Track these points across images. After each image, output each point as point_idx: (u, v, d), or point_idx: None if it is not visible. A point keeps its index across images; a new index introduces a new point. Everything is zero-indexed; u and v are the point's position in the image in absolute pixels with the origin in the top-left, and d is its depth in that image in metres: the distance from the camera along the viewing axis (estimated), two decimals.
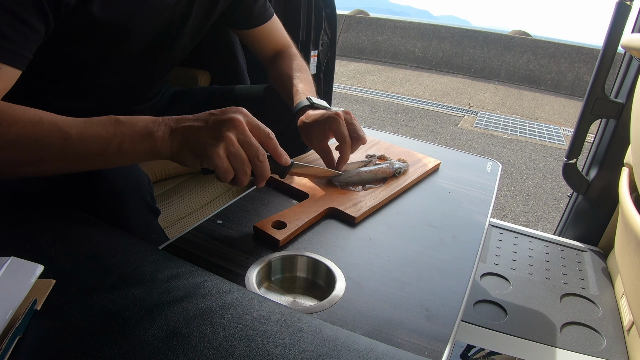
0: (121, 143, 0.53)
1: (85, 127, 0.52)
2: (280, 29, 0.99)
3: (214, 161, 0.54)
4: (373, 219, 0.71)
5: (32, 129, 0.51)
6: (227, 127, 0.54)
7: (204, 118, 0.56)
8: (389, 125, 3.90)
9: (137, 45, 0.77)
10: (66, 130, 0.51)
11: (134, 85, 0.87)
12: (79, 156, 0.53)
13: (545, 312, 1.10)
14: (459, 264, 0.62)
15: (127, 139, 0.53)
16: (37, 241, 0.48)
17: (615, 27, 1.26)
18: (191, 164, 0.56)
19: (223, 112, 0.56)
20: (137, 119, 0.55)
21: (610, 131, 1.37)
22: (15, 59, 0.55)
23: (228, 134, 0.54)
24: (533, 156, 3.43)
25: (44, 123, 0.51)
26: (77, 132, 0.52)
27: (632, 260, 0.96)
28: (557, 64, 6.82)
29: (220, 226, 0.65)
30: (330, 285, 0.55)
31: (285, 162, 0.62)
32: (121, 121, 0.54)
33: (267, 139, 0.59)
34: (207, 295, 0.42)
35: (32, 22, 0.55)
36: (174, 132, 0.55)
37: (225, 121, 0.55)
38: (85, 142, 0.52)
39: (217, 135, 0.54)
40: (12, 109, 0.51)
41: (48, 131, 0.51)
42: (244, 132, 0.55)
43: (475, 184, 0.88)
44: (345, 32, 7.98)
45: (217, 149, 0.54)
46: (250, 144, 0.56)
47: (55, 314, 0.38)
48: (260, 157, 0.57)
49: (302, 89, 0.86)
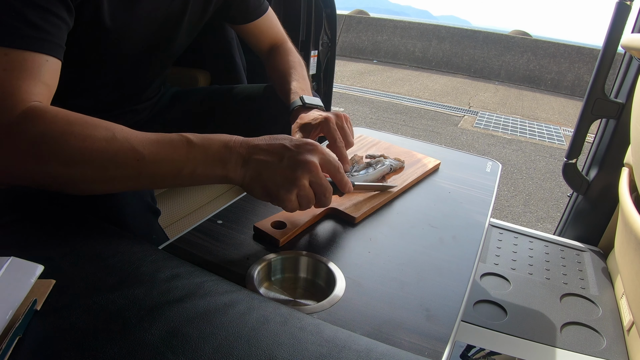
0: (194, 168, 0.52)
1: (158, 147, 0.51)
2: (275, 22, 0.99)
3: (285, 204, 0.55)
4: (373, 219, 0.71)
5: (106, 145, 0.49)
6: (302, 172, 0.54)
7: (279, 152, 0.55)
8: (389, 125, 3.90)
9: (135, 44, 0.77)
10: (139, 150, 0.50)
11: (131, 84, 0.88)
12: (152, 177, 0.52)
13: (545, 312, 1.10)
14: (458, 264, 0.62)
15: (200, 164, 0.52)
16: (37, 241, 0.48)
17: (615, 27, 1.26)
18: (260, 198, 0.57)
19: (299, 150, 0.55)
20: (210, 142, 0.53)
21: (610, 131, 1.37)
22: (56, 50, 0.55)
23: (303, 180, 0.54)
24: (533, 156, 3.43)
25: (117, 140, 0.50)
26: (149, 153, 0.50)
27: (632, 260, 0.96)
28: (557, 64, 6.82)
29: (220, 226, 0.65)
30: (330, 285, 0.55)
31: (348, 190, 0.63)
32: (194, 143, 0.52)
33: (337, 173, 0.60)
34: (207, 295, 0.42)
35: (59, 11, 0.56)
36: (246, 162, 0.54)
37: (301, 164, 0.54)
38: (158, 164, 0.51)
39: (292, 180, 0.54)
40: (84, 121, 0.50)
41: (121, 149, 0.50)
42: (318, 175, 0.55)
43: (475, 184, 0.88)
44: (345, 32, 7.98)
45: (290, 195, 0.54)
46: (320, 184, 0.56)
47: (55, 314, 0.38)
48: (327, 194, 0.58)
49: (296, 88, 0.86)
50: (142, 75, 0.88)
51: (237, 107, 1.01)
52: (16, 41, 0.51)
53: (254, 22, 0.94)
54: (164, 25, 0.79)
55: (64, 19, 0.57)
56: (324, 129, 0.75)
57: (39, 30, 0.53)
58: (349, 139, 0.77)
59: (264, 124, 0.97)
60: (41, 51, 0.53)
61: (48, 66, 0.54)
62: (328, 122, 0.75)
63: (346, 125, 0.77)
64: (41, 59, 0.53)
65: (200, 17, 0.87)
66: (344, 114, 0.78)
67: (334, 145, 0.75)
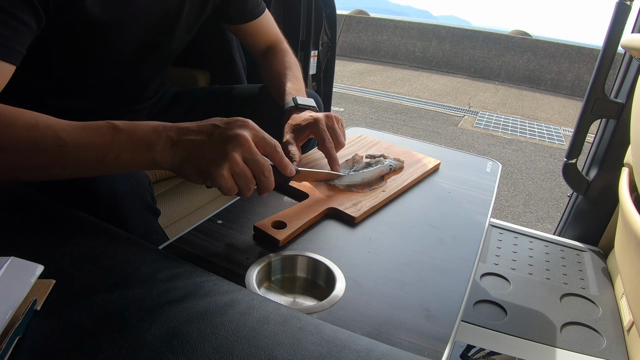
0: (119, 153, 0.51)
1: (82, 134, 0.50)
2: (272, 23, 0.99)
3: (218, 181, 0.52)
4: (373, 219, 0.71)
5: (26, 133, 0.49)
6: (232, 146, 0.52)
7: (208, 131, 0.53)
8: (389, 125, 3.90)
9: (130, 42, 0.76)
10: (62, 137, 0.49)
11: (130, 83, 0.87)
12: (75, 164, 0.51)
13: (545, 312, 1.10)
14: (458, 264, 0.62)
15: (125, 149, 0.51)
16: (37, 241, 0.48)
17: (615, 27, 1.26)
18: (194, 180, 0.54)
19: (228, 126, 0.53)
20: (137, 127, 0.52)
21: (610, 131, 1.37)
22: (8, 53, 0.54)
23: (233, 153, 0.52)
24: (533, 156, 3.43)
25: (39, 127, 0.49)
26: (72, 139, 0.50)
27: (632, 260, 0.96)
28: (557, 64, 6.82)
29: (220, 226, 0.65)
30: (330, 285, 0.55)
31: (290, 173, 0.60)
32: (119, 129, 0.51)
33: (274, 151, 0.57)
34: (207, 295, 0.42)
35: (22, 16, 0.55)
36: (175, 144, 0.52)
37: (231, 138, 0.52)
38: (81, 150, 0.50)
39: (222, 154, 0.52)
40: (7, 111, 0.50)
41: (43, 137, 0.49)
42: (250, 149, 0.53)
43: (475, 184, 0.88)
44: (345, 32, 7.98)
45: (221, 169, 0.51)
46: (255, 161, 0.53)
47: (55, 314, 0.38)
48: (266, 172, 0.55)
49: (290, 89, 0.86)
50: (140, 75, 0.88)
51: (237, 107, 1.02)
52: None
53: (252, 22, 0.95)
54: (161, 23, 0.79)
55: (27, 23, 0.56)
56: (313, 130, 0.75)
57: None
58: (339, 139, 0.76)
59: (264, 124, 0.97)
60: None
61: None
62: (317, 123, 0.74)
63: (337, 126, 0.77)
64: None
65: (198, 16, 0.86)
66: (335, 115, 0.78)
67: (322, 145, 0.74)
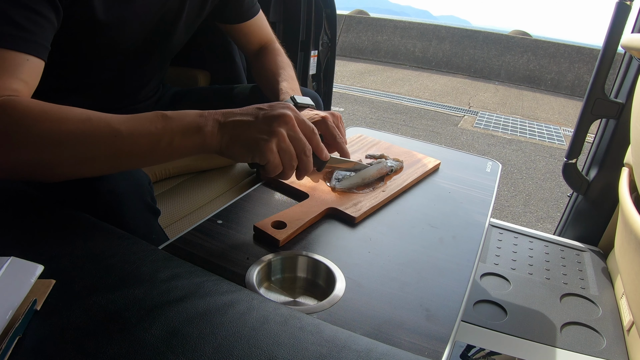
0: (172, 138, 0.53)
1: (134, 123, 0.52)
2: (265, 23, 1.00)
3: (266, 156, 0.55)
4: (373, 219, 0.71)
5: (82, 126, 0.50)
6: (278, 123, 0.55)
7: (253, 113, 0.56)
8: (389, 125, 3.90)
9: (131, 41, 0.77)
10: (116, 127, 0.51)
11: (129, 82, 0.88)
12: (130, 153, 0.53)
13: (545, 312, 1.10)
14: (458, 263, 0.62)
15: (177, 134, 0.53)
16: (37, 241, 0.48)
17: (615, 27, 1.26)
18: (242, 159, 0.57)
19: (272, 108, 0.57)
20: (184, 114, 0.55)
21: (610, 131, 1.37)
22: (38, 50, 0.55)
23: (280, 129, 0.55)
24: (533, 156, 3.43)
25: (92, 120, 0.51)
26: (126, 129, 0.51)
27: (632, 260, 0.96)
28: (557, 64, 6.82)
29: (220, 226, 0.65)
30: (330, 285, 0.55)
31: (325, 157, 0.64)
32: (168, 116, 0.53)
33: (312, 134, 0.60)
34: (207, 295, 0.42)
35: (44, 12, 0.56)
36: (223, 126, 0.55)
37: (276, 117, 0.55)
38: (135, 138, 0.51)
39: (269, 130, 0.55)
40: (59, 108, 0.51)
41: (98, 128, 0.50)
42: (294, 128, 0.56)
43: (475, 184, 0.88)
44: (345, 32, 7.98)
45: (270, 144, 0.54)
46: (299, 139, 0.57)
47: (55, 314, 0.38)
48: (307, 152, 0.58)
49: (286, 88, 0.87)
50: (140, 73, 0.88)
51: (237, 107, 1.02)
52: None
53: (246, 22, 0.95)
54: (162, 22, 0.79)
55: (50, 18, 0.57)
56: (321, 128, 0.75)
57: (22, 29, 0.53)
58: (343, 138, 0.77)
59: None
60: (22, 50, 0.53)
61: (28, 65, 0.54)
62: (326, 121, 0.75)
63: (340, 125, 0.78)
64: (21, 57, 0.53)
65: (198, 15, 0.87)
66: (338, 113, 0.79)
67: (334, 141, 0.75)
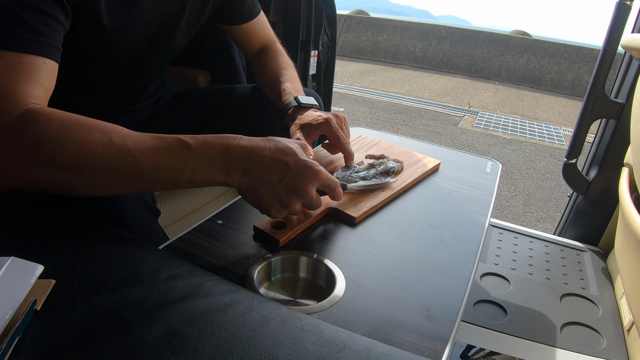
0: (193, 174, 0.52)
1: (156, 154, 0.51)
2: (266, 24, 1.00)
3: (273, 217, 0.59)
4: (373, 219, 0.71)
5: (102, 152, 0.49)
6: (297, 198, 0.57)
7: (280, 170, 0.55)
8: (389, 125, 3.90)
9: (133, 44, 0.77)
10: (137, 157, 0.50)
11: (130, 83, 0.88)
12: (151, 184, 0.52)
13: (545, 312, 1.10)
14: (458, 263, 0.62)
15: (199, 172, 0.52)
16: (37, 241, 0.48)
17: (615, 27, 1.26)
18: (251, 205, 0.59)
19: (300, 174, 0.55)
20: (210, 146, 0.53)
21: (610, 131, 1.37)
22: (53, 52, 0.55)
23: (295, 205, 0.57)
24: (533, 156, 3.43)
25: (113, 145, 0.49)
26: (148, 160, 0.50)
27: (632, 260, 0.96)
28: (557, 64, 6.82)
29: (220, 226, 0.65)
30: (330, 285, 0.55)
31: (339, 199, 0.65)
32: (193, 149, 0.52)
33: (332, 192, 0.62)
34: (207, 295, 0.42)
35: (55, 13, 0.55)
36: (246, 173, 0.54)
37: (298, 192, 0.56)
38: (156, 171, 0.51)
39: (286, 203, 0.56)
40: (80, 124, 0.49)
41: (118, 155, 0.49)
42: (311, 200, 0.58)
43: (475, 184, 0.88)
44: (345, 32, 7.97)
45: (280, 214, 0.58)
46: (311, 205, 0.59)
47: (55, 314, 0.38)
48: (315, 207, 0.61)
49: (289, 88, 0.87)
50: (141, 75, 0.88)
51: (237, 107, 1.02)
52: (13, 44, 0.51)
53: (247, 23, 0.95)
54: (163, 25, 0.79)
55: (60, 20, 0.57)
56: (325, 129, 0.76)
57: (36, 32, 0.53)
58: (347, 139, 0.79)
59: (264, 124, 0.97)
60: (38, 53, 0.53)
61: (45, 68, 0.54)
62: (329, 123, 0.76)
63: (344, 126, 0.79)
64: (39, 61, 0.53)
65: (199, 17, 0.87)
66: (342, 115, 0.80)
67: (338, 143, 0.76)
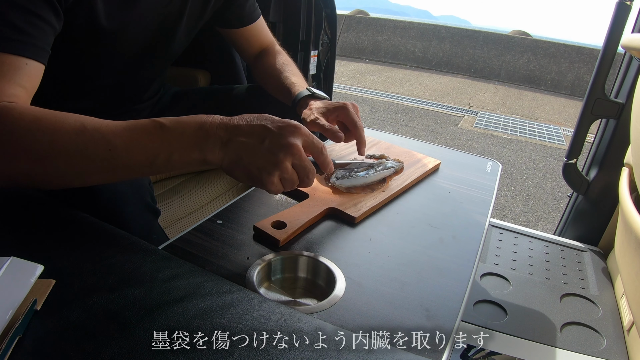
0: (169, 154, 0.50)
1: (130, 135, 0.49)
2: (266, 28, 1.00)
3: (267, 187, 0.53)
4: (373, 219, 0.71)
5: (75, 138, 0.48)
6: (284, 154, 0.52)
7: (260, 134, 0.52)
8: (389, 125, 3.90)
9: (133, 45, 0.77)
10: (111, 140, 0.48)
11: (131, 85, 0.88)
12: (126, 167, 0.50)
13: (545, 312, 1.10)
14: (458, 263, 0.62)
15: (175, 150, 0.50)
16: (37, 241, 0.48)
17: (615, 27, 1.26)
18: (241, 181, 0.56)
19: (281, 132, 0.53)
20: (184, 125, 0.51)
21: (610, 131, 1.37)
22: (38, 53, 0.54)
23: (285, 163, 0.52)
24: (533, 156, 3.43)
25: (87, 131, 0.48)
26: (122, 142, 0.49)
27: (632, 260, 0.96)
28: (557, 64, 6.82)
29: (220, 226, 0.65)
30: (330, 285, 0.55)
31: (330, 170, 0.62)
32: (166, 127, 0.50)
33: (320, 154, 0.58)
34: (207, 295, 0.42)
35: (44, 15, 0.55)
36: (225, 145, 0.51)
37: (284, 147, 0.52)
38: (131, 153, 0.49)
39: (274, 161, 0.52)
40: (53, 116, 0.49)
41: (92, 140, 0.48)
42: (301, 157, 0.54)
43: (475, 184, 0.88)
44: (345, 32, 7.97)
45: (272, 177, 0.53)
46: (304, 167, 0.55)
47: (55, 314, 0.38)
48: (310, 175, 0.56)
49: (298, 82, 0.88)
50: (141, 76, 0.88)
51: (237, 107, 1.02)
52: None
53: (247, 26, 0.95)
54: (162, 26, 0.79)
55: (49, 21, 0.56)
56: (342, 115, 0.77)
57: (22, 33, 0.52)
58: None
59: None
60: (21, 54, 0.52)
61: (27, 69, 0.53)
62: (346, 108, 0.77)
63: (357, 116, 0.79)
64: (20, 61, 0.52)
65: (199, 18, 0.87)
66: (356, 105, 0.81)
67: (354, 128, 0.77)
